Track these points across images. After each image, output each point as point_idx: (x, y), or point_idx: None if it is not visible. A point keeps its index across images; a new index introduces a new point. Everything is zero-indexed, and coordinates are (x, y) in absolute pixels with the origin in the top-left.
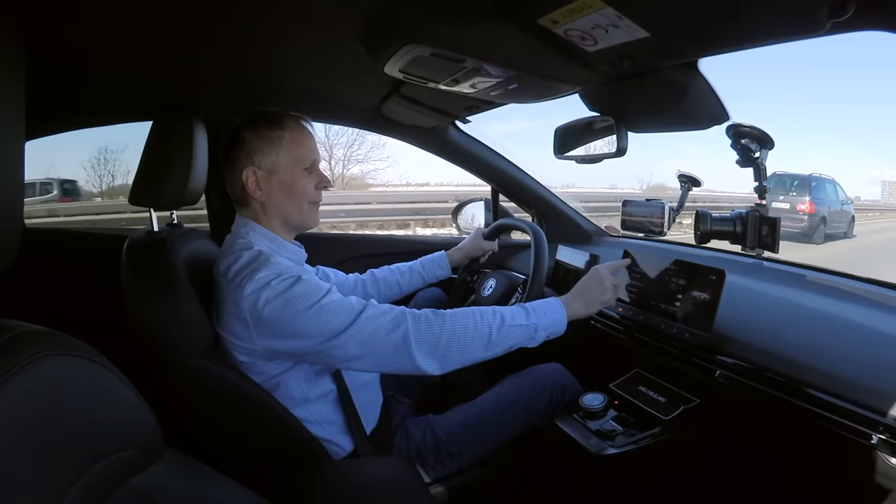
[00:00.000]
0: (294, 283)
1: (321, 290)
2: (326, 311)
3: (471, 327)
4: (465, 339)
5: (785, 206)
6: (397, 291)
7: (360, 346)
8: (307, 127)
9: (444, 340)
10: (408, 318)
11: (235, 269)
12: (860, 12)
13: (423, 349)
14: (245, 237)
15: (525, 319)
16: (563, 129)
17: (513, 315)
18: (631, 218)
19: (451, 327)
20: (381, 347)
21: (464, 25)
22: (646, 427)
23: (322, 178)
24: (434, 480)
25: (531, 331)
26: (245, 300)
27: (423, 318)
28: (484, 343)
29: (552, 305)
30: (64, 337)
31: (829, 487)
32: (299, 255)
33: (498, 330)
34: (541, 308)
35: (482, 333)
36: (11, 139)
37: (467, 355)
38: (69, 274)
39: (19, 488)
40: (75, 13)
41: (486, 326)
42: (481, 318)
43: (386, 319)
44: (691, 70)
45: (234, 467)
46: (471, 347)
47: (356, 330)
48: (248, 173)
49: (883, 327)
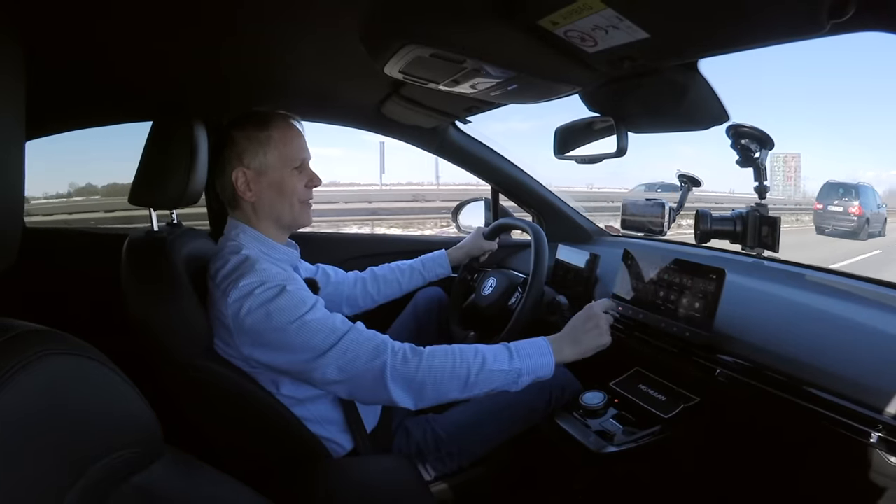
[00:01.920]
0: (278, 295)
1: (305, 304)
2: (309, 329)
3: (448, 368)
4: (442, 378)
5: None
6: (397, 290)
7: (339, 371)
8: (296, 126)
9: (420, 379)
10: (388, 350)
11: (223, 273)
12: (860, 13)
13: (398, 383)
14: (235, 239)
15: (508, 364)
16: (563, 129)
17: (495, 358)
18: (631, 218)
19: (427, 366)
20: (359, 375)
21: (464, 26)
22: (646, 425)
23: (313, 177)
24: (434, 479)
25: (514, 375)
26: (229, 308)
27: (401, 353)
28: (461, 385)
29: (540, 347)
30: (65, 336)
31: (828, 486)
32: (291, 256)
33: (477, 373)
34: (526, 350)
35: (459, 375)
36: (11, 140)
37: (443, 395)
38: (69, 273)
39: (20, 486)
40: (75, 13)
41: (464, 368)
42: (461, 360)
43: (368, 347)
44: (691, 71)
45: (235, 466)
46: (447, 387)
47: (337, 353)
48: (238, 174)
49: (883, 326)
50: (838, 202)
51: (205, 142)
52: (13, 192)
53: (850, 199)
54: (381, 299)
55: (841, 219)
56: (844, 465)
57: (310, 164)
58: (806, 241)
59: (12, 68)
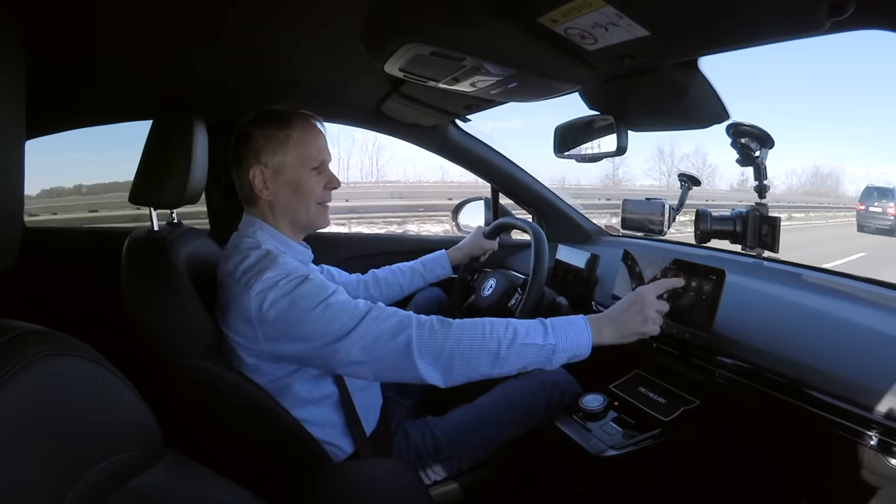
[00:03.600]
0: (301, 283)
1: (327, 289)
2: (332, 312)
3: (478, 340)
4: (471, 352)
5: (878, 209)
6: (398, 292)
7: (363, 351)
8: (317, 126)
9: (448, 351)
10: (413, 324)
11: (243, 268)
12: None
13: (425, 358)
14: (253, 236)
15: (542, 339)
16: (563, 127)
17: (528, 331)
18: (631, 217)
19: (455, 338)
20: (383, 353)
21: (464, 24)
22: (646, 428)
23: (331, 179)
24: (434, 482)
25: (548, 352)
26: (252, 301)
27: (427, 325)
28: (491, 359)
29: (577, 325)
30: (64, 337)
31: (828, 488)
32: (305, 256)
33: (508, 346)
34: (562, 326)
35: (490, 348)
36: (11, 139)
37: (472, 370)
38: (69, 273)
39: (19, 488)
40: (75, 12)
41: (494, 341)
42: (491, 332)
43: (391, 323)
44: (691, 69)
45: (234, 468)
46: (476, 362)
47: (360, 333)
48: (255, 172)
49: (883, 328)
50: (878, 204)
51: (205, 141)
52: (13, 192)
53: (887, 200)
54: (382, 302)
55: (880, 218)
56: (844, 467)
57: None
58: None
59: (12, 68)
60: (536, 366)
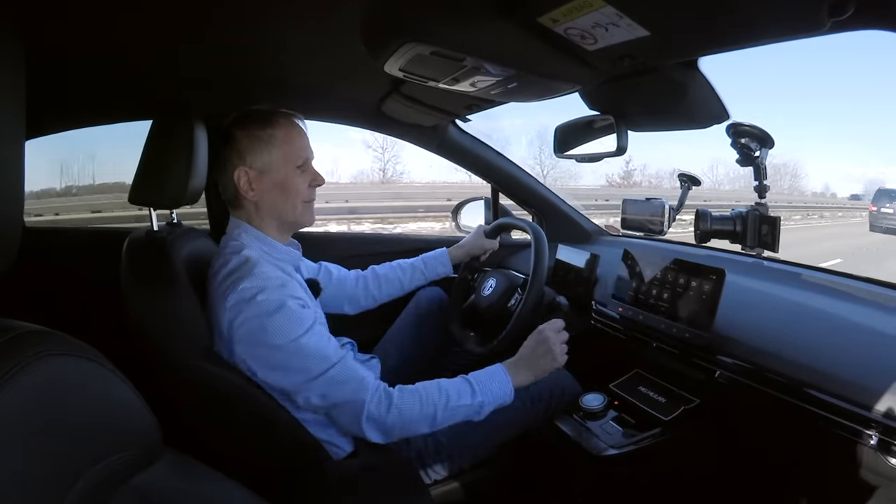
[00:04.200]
0: (276, 311)
1: (303, 324)
2: (303, 353)
3: (416, 410)
4: (411, 420)
5: (890, 210)
6: (399, 289)
7: (321, 399)
8: (299, 124)
9: (391, 423)
10: (369, 391)
11: (223, 274)
12: (860, 11)
13: (371, 425)
14: (237, 239)
15: (470, 398)
16: (563, 127)
17: (459, 394)
18: (631, 217)
19: (397, 411)
20: (339, 407)
21: (464, 24)
22: (646, 427)
23: (316, 176)
24: (434, 482)
25: (477, 408)
26: (226, 312)
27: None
28: (428, 423)
29: (499, 378)
30: (64, 337)
31: (828, 487)
32: (293, 256)
33: (443, 410)
34: (486, 382)
35: (427, 414)
36: (11, 139)
37: (412, 433)
38: (69, 273)
39: (19, 488)
40: (75, 12)
41: (431, 406)
42: (427, 399)
43: (353, 385)
44: (691, 69)
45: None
46: (416, 428)
47: (324, 381)
48: (240, 173)
49: (883, 328)
50: (889, 205)
51: (205, 141)
52: (13, 192)
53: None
54: (382, 298)
55: (892, 218)
56: (845, 467)
57: (313, 162)
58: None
59: (12, 67)
60: (468, 419)
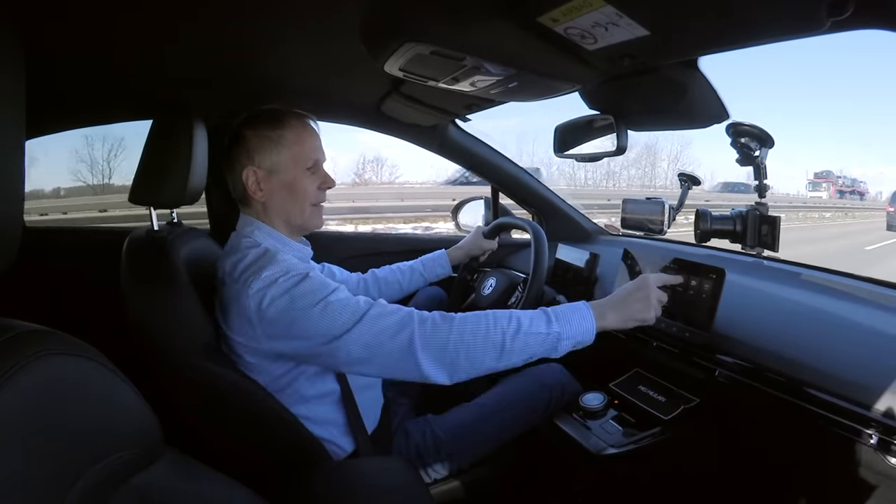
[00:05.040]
0: (300, 281)
1: (327, 287)
2: (332, 310)
3: (482, 333)
4: (475, 345)
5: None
6: (398, 291)
7: (364, 349)
8: (311, 125)
9: (452, 347)
10: (415, 321)
11: (242, 266)
12: (860, 11)
13: (428, 355)
14: (251, 236)
15: (546, 327)
16: (563, 127)
17: (531, 321)
18: (631, 216)
19: (458, 332)
20: (385, 351)
21: (464, 24)
22: (646, 427)
23: (326, 179)
24: (434, 481)
25: (553, 340)
26: (251, 299)
27: (429, 321)
28: (497, 351)
29: (580, 311)
30: (64, 336)
31: (828, 487)
32: (305, 254)
33: (513, 337)
34: (565, 314)
35: (494, 340)
36: (11, 139)
37: (477, 364)
38: (69, 273)
39: (19, 487)
40: (75, 12)
41: (499, 333)
42: (494, 324)
43: (392, 321)
44: (691, 68)
45: (235, 467)
46: (481, 356)
47: (361, 331)
48: (249, 173)
49: (883, 327)
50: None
51: (205, 141)
52: (13, 192)
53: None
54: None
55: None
56: (845, 466)
57: (324, 165)
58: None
59: (12, 68)
60: (542, 354)
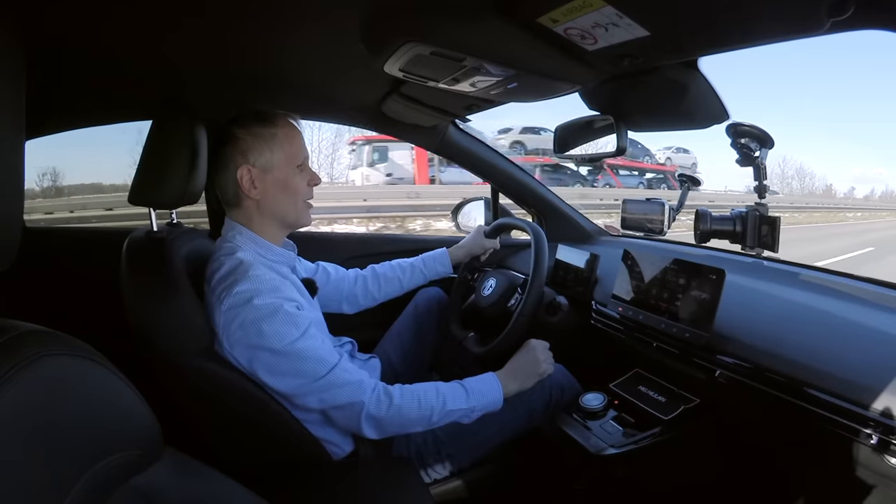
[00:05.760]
0: (272, 314)
1: (299, 327)
2: (298, 357)
3: (414, 410)
4: (409, 420)
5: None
6: (398, 288)
7: (319, 402)
8: (297, 125)
9: (388, 421)
10: (367, 393)
11: (218, 277)
12: (860, 11)
13: (370, 424)
14: (231, 241)
15: (465, 403)
16: (563, 128)
17: (454, 398)
18: (631, 217)
19: (396, 411)
20: (336, 410)
21: (464, 24)
22: (646, 427)
23: (313, 176)
24: (434, 481)
25: (468, 412)
26: (222, 316)
27: (376, 396)
28: (424, 424)
29: (491, 386)
30: (64, 337)
31: (828, 487)
32: (288, 258)
33: (439, 413)
34: (478, 390)
35: (423, 416)
36: (11, 140)
37: (407, 430)
38: (69, 273)
39: (20, 488)
40: (75, 13)
41: (428, 409)
42: (425, 401)
43: (350, 388)
44: (691, 69)
45: (235, 467)
46: (411, 426)
47: (321, 386)
48: (243, 171)
49: (882, 327)
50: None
51: (205, 141)
52: (13, 192)
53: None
54: (381, 297)
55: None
56: (843, 465)
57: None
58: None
59: (12, 68)
60: (459, 421)
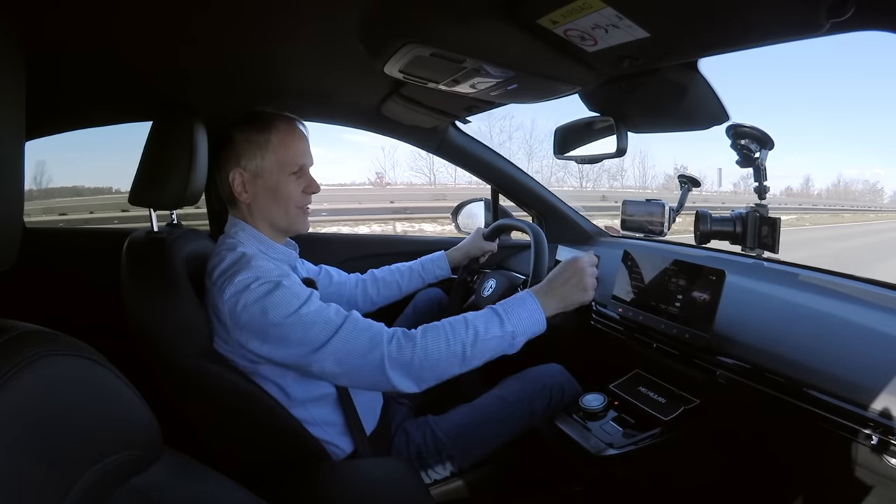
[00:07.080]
0: (273, 290)
1: (300, 297)
2: (304, 323)
3: (443, 347)
4: (439, 359)
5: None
6: (397, 292)
7: (336, 364)
8: (299, 129)
9: (417, 363)
10: (384, 339)
11: (219, 270)
12: (859, 12)
13: (397, 371)
14: (234, 237)
15: (500, 328)
16: (563, 129)
17: (486, 326)
18: (631, 218)
19: (422, 349)
20: (357, 367)
21: (464, 25)
22: (646, 428)
23: (311, 183)
24: (434, 481)
25: (509, 338)
26: (225, 304)
27: (395, 340)
28: (459, 361)
29: (528, 306)
30: (63, 337)
31: (828, 488)
32: (289, 256)
33: (472, 345)
34: (515, 311)
35: (455, 352)
36: (11, 140)
37: (443, 374)
38: (69, 274)
39: (20, 489)
40: (75, 13)
41: (458, 344)
42: (454, 335)
43: (364, 339)
44: (691, 70)
45: (234, 468)
46: (445, 367)
47: (334, 346)
48: (235, 175)
49: (882, 328)
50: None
51: (205, 142)
52: (13, 193)
53: None
54: (380, 301)
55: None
56: (842, 466)
57: (310, 169)
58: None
59: (12, 69)
60: (501, 353)
